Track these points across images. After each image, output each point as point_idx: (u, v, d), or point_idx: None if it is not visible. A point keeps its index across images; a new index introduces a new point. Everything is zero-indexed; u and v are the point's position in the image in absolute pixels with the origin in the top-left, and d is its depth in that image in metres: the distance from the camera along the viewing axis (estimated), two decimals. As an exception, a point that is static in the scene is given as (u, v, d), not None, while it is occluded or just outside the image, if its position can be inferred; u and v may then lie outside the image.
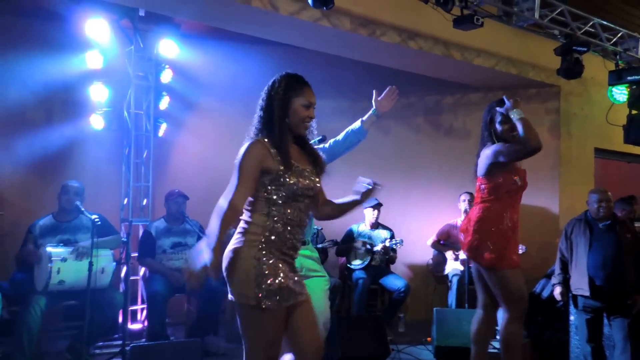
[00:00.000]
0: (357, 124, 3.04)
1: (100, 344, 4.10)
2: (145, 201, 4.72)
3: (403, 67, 5.16)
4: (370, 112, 3.02)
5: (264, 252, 2.00)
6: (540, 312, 4.74)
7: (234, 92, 5.43)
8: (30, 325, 3.51)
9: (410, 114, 6.06)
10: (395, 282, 4.96)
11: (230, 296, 2.05)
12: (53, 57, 4.51)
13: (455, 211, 5.35)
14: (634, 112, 5.18)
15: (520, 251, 4.74)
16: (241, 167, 2.01)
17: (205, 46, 5.17)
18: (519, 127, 2.91)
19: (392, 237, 5.15)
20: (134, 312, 4.65)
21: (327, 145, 2.97)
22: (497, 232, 2.99)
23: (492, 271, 3.03)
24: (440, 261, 5.33)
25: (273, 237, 2.03)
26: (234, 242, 2.05)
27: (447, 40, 4.60)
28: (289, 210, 2.05)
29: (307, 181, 2.09)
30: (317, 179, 2.17)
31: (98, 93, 4.51)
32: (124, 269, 3.98)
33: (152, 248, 4.35)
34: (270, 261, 2.00)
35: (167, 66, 4.79)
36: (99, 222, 3.61)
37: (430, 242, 5.35)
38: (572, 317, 4.26)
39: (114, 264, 3.88)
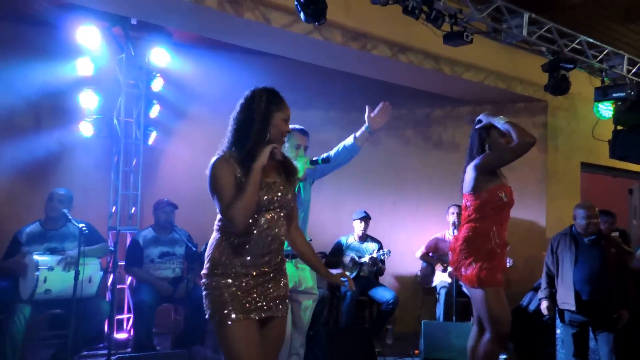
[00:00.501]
0: (349, 140, 3.02)
1: (85, 353, 4.06)
2: (133, 209, 4.69)
3: (393, 80, 5.21)
4: (363, 128, 3.00)
5: (221, 269, 2.05)
6: (526, 325, 4.76)
7: (225, 102, 5.34)
8: (14, 334, 3.46)
9: (400, 126, 6.11)
10: (383, 294, 4.96)
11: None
12: (43, 64, 4.50)
13: (443, 223, 5.38)
14: (619, 127, 5.27)
15: (508, 264, 4.79)
16: (218, 181, 2.01)
17: (196, 55, 5.18)
18: (511, 129, 2.94)
19: (380, 248, 5.16)
20: (120, 322, 4.60)
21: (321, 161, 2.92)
22: (484, 252, 2.98)
23: (477, 290, 3.01)
24: (428, 273, 5.35)
25: (229, 254, 2.05)
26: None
27: (437, 54, 4.66)
28: (254, 223, 2.05)
29: (272, 195, 2.08)
30: (287, 191, 2.15)
31: (88, 100, 4.50)
32: (111, 278, 3.95)
33: (140, 257, 4.32)
34: (228, 279, 2.03)
35: (158, 74, 4.79)
36: (87, 231, 3.59)
37: (418, 254, 5.37)
38: (558, 331, 4.29)
39: (101, 272, 3.85)
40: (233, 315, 2.00)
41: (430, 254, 5.33)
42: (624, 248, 4.21)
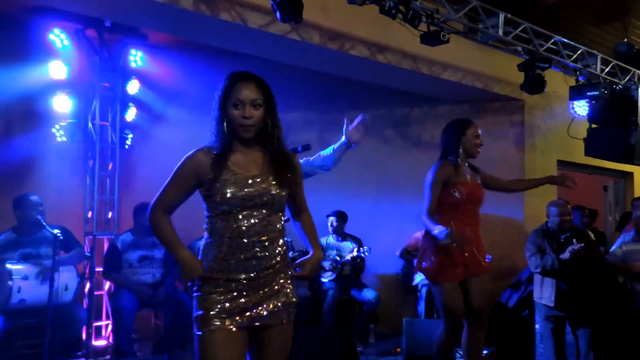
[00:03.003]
0: (328, 150, 2.78)
1: (63, 362, 3.97)
2: (110, 214, 4.62)
3: (372, 80, 5.22)
4: (340, 141, 2.73)
5: (207, 274, 1.93)
6: (506, 321, 4.82)
7: (203, 104, 5.33)
8: (-13, 345, 3.38)
9: (379, 126, 6.13)
10: (365, 293, 4.97)
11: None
12: (14, 67, 4.37)
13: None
14: (593, 126, 5.37)
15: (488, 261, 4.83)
16: (174, 173, 1.99)
17: (173, 57, 5.12)
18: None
19: (360, 247, 5.17)
20: (99, 328, 4.53)
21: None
22: (440, 246, 3.06)
23: (433, 283, 3.17)
24: (409, 272, 5.38)
25: (214, 256, 1.93)
26: None
27: (415, 54, 4.68)
28: (233, 224, 1.91)
29: (251, 189, 1.91)
30: (272, 185, 1.95)
31: (62, 104, 4.41)
32: (88, 284, 3.88)
33: (118, 262, 4.25)
34: (213, 285, 1.92)
35: (134, 77, 4.73)
36: (61, 237, 3.51)
37: (399, 253, 5.40)
38: (537, 326, 4.35)
39: (78, 279, 3.78)
40: (215, 323, 1.87)
41: (411, 253, 5.36)
42: (594, 241, 4.28)
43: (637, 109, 5.04)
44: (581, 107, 5.47)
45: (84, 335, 4.01)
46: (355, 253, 5.05)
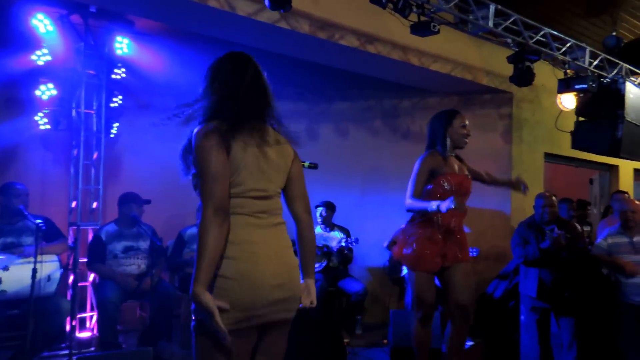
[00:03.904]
0: None
1: (46, 354, 3.92)
2: (95, 204, 4.55)
3: (361, 71, 5.18)
4: None
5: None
6: (492, 312, 4.86)
7: (189, 92, 5.30)
8: (-32, 337, 3.32)
9: (368, 117, 6.10)
10: (353, 285, 4.97)
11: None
12: (-4, 54, 4.29)
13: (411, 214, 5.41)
14: (581, 119, 5.40)
15: (475, 254, 4.87)
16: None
17: (160, 45, 5.02)
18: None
19: (347, 237, 5.17)
20: (83, 320, 4.47)
21: None
22: (424, 235, 3.10)
23: (409, 271, 3.21)
24: (396, 263, 5.38)
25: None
26: None
27: (405, 45, 4.65)
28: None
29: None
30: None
31: (45, 91, 4.31)
32: (72, 276, 3.82)
33: (102, 253, 4.19)
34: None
35: (119, 64, 4.63)
36: (44, 227, 3.45)
37: (386, 244, 5.40)
38: (522, 317, 4.39)
39: (61, 270, 3.71)
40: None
41: (399, 245, 5.36)
42: (579, 233, 4.32)
43: (623, 103, 5.07)
44: (569, 100, 5.49)
45: (67, 327, 3.95)
46: (343, 243, 5.04)
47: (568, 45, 4.80)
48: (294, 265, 1.89)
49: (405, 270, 5.22)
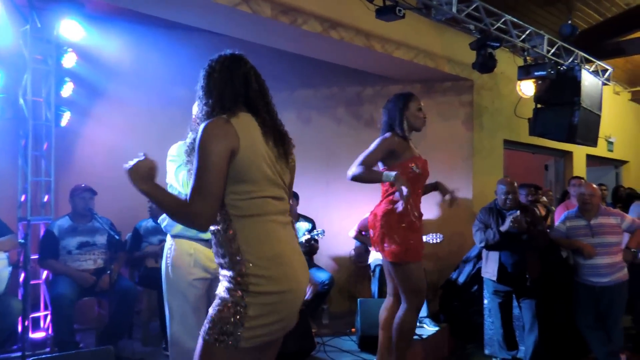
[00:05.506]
0: None
1: (-3, 357, 3.70)
2: (46, 198, 4.30)
3: (324, 57, 5.10)
4: None
5: None
6: (457, 297, 4.93)
7: (147, 80, 5.09)
8: None
9: (331, 104, 6.04)
10: (319, 275, 4.92)
11: None
12: None
13: (377, 202, 5.39)
14: (539, 106, 5.52)
15: (438, 240, 4.90)
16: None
17: (114, 28, 4.80)
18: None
19: (313, 228, 5.11)
20: (36, 320, 4.24)
21: None
22: (405, 226, 3.02)
23: (398, 265, 3.06)
24: (362, 252, 5.38)
25: None
26: None
27: (369, 31, 4.60)
28: None
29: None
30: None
31: (-12, 77, 4.03)
32: (23, 274, 3.60)
33: (55, 248, 3.98)
34: None
35: (69, 49, 4.37)
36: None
37: (352, 233, 5.38)
38: (485, 301, 4.47)
39: (10, 268, 3.50)
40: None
41: (364, 233, 5.35)
42: (539, 217, 4.42)
43: (580, 90, 5.21)
44: (528, 87, 5.59)
45: (19, 328, 3.74)
46: (308, 235, 4.98)
47: (527, 32, 4.87)
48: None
49: (371, 259, 5.22)
